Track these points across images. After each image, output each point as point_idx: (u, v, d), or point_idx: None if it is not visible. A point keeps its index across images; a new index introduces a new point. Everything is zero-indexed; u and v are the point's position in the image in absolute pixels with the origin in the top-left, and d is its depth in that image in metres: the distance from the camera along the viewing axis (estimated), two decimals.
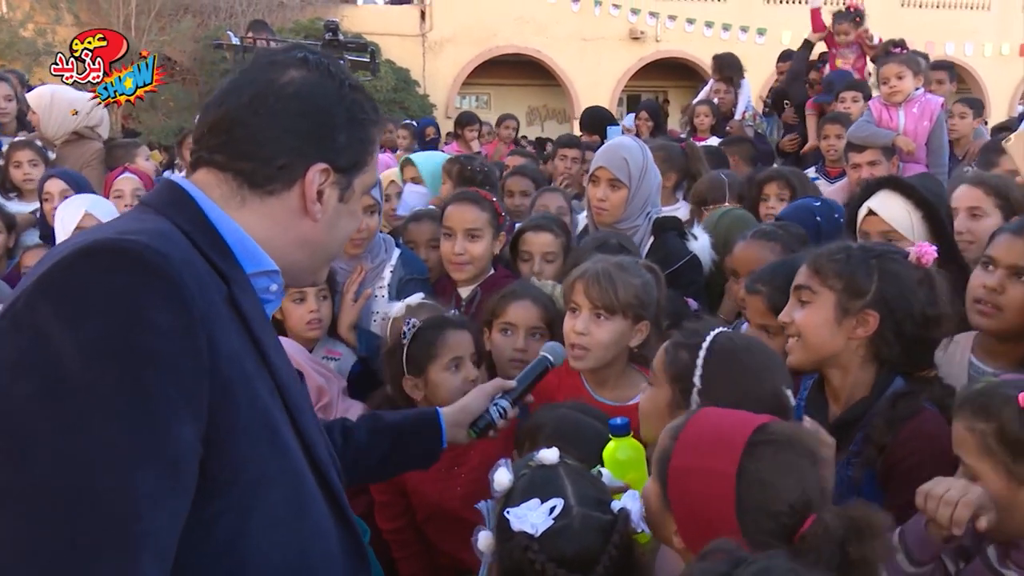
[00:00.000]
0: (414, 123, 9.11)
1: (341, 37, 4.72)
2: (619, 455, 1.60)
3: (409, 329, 2.17)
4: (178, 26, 16.57)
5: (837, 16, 6.18)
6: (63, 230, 3.28)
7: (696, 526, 1.26)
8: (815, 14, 6.22)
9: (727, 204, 3.51)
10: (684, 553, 1.32)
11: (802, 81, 6.35)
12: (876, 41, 6.11)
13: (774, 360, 1.70)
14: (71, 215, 3.29)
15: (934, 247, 1.83)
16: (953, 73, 5.83)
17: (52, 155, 4.54)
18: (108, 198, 3.75)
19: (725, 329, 1.74)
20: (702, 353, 1.63)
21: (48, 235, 3.70)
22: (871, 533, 1.12)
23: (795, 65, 6.36)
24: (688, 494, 1.27)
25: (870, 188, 2.56)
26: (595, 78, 19.38)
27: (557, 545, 1.31)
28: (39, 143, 4.49)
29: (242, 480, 1.05)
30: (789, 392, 1.65)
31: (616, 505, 1.38)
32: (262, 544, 1.07)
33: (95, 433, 0.91)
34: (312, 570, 1.15)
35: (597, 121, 6.98)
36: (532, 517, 1.33)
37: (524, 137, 12.80)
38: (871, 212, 2.44)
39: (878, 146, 4.27)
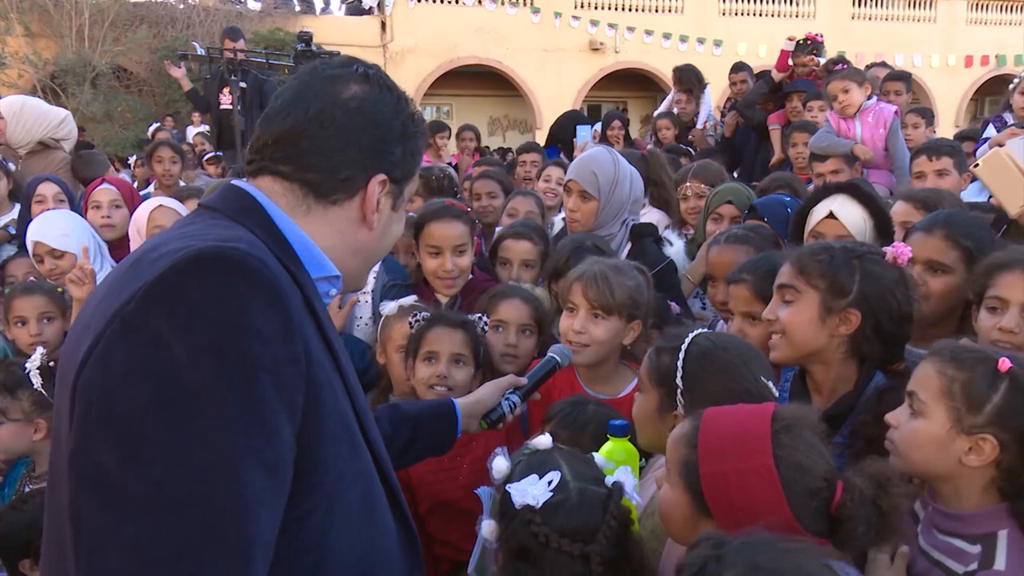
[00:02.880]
0: None
1: (314, 47, 4.74)
2: (614, 457, 1.64)
3: (415, 321, 2.30)
4: (133, 36, 16.31)
5: (797, 48, 6.35)
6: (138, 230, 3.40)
7: (746, 524, 1.25)
8: (783, 55, 6.40)
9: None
10: None
11: (755, 106, 6.51)
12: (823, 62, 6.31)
13: (752, 353, 1.76)
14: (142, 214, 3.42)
15: (908, 247, 1.92)
16: (909, 84, 6.03)
17: (13, 166, 4.48)
18: (87, 209, 3.76)
19: (704, 330, 1.79)
20: (680, 355, 1.68)
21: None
22: (891, 483, 1.20)
23: (750, 96, 6.51)
24: (732, 496, 1.28)
25: (825, 191, 2.66)
26: (556, 88, 19.54)
27: (558, 518, 1.37)
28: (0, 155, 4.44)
29: (328, 480, 1.09)
30: (770, 383, 1.71)
31: (610, 480, 1.45)
32: (341, 542, 1.11)
33: (208, 435, 0.94)
34: (378, 566, 1.19)
35: (568, 125, 7.02)
36: (532, 490, 1.39)
37: (487, 147, 12.84)
38: (831, 215, 2.52)
39: (838, 155, 4.43)
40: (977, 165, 2.48)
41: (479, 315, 2.41)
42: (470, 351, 2.29)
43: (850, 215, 2.51)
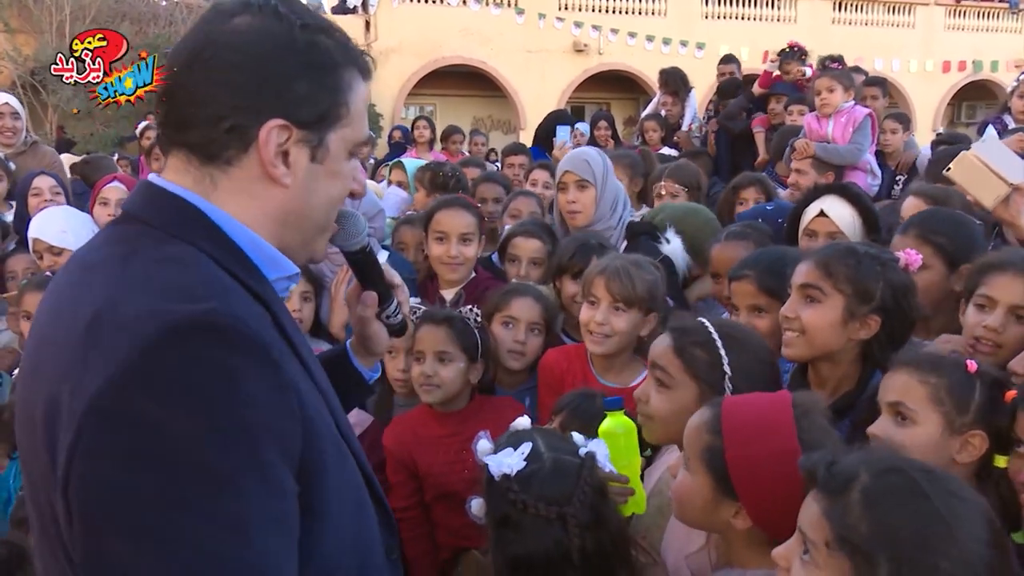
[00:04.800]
0: (371, 133, 9.18)
1: None
2: (616, 430, 1.70)
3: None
4: None
5: (783, 55, 6.46)
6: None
7: (773, 505, 1.33)
8: (766, 74, 6.52)
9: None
10: (745, 534, 1.40)
11: (738, 118, 6.60)
12: (810, 74, 6.42)
13: (752, 330, 1.87)
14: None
15: (919, 255, 1.99)
16: (886, 89, 6.17)
17: (13, 165, 4.50)
18: (94, 205, 3.79)
19: (706, 319, 1.81)
20: (719, 344, 1.70)
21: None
22: None
23: (731, 109, 6.62)
24: (760, 479, 1.35)
25: (817, 192, 2.82)
26: (540, 89, 19.60)
27: (533, 485, 1.49)
28: (2, 155, 4.45)
29: (331, 508, 1.06)
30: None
31: (583, 450, 1.56)
32: (335, 546, 1.08)
33: (222, 512, 0.91)
34: (366, 552, 1.18)
35: (551, 126, 7.10)
36: (508, 460, 1.52)
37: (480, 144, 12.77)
38: (822, 213, 2.66)
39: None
40: (949, 169, 2.62)
41: (469, 307, 2.45)
42: (457, 347, 2.31)
43: (840, 213, 2.67)
